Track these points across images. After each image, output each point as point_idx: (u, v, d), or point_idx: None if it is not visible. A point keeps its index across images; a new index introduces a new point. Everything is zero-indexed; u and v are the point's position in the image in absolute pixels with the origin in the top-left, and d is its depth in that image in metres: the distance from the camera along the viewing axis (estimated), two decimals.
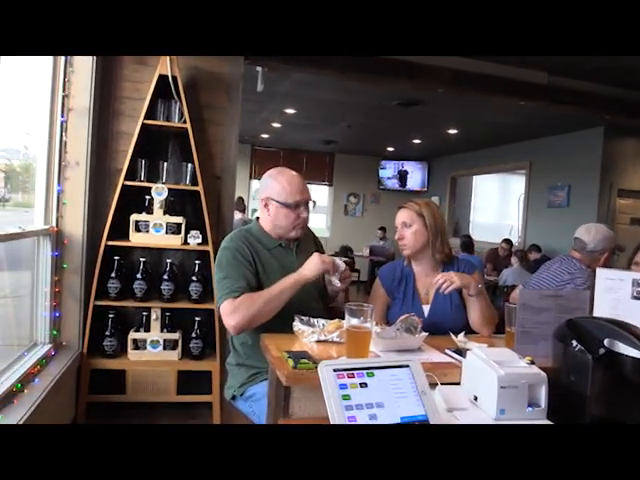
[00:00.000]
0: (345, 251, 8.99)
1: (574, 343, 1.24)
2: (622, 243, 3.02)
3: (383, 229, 9.59)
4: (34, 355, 2.60)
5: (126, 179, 2.94)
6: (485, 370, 1.23)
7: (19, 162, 2.94)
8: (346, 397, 1.04)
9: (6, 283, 2.69)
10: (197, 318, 3.06)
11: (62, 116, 2.82)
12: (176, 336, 3.04)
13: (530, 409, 1.20)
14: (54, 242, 2.81)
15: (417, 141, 8.69)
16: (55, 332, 2.83)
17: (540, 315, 1.55)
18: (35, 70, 2.70)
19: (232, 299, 1.76)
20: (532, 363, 1.27)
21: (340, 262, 1.88)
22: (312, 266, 1.81)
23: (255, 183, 10.48)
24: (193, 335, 3.05)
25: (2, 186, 2.85)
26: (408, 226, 2.05)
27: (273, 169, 2.03)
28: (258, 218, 2.05)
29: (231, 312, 1.75)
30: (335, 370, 1.06)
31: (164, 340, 3.01)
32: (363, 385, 1.07)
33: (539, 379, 1.22)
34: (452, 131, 7.59)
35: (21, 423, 1.92)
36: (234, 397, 1.96)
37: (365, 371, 1.09)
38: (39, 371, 2.48)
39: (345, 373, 1.07)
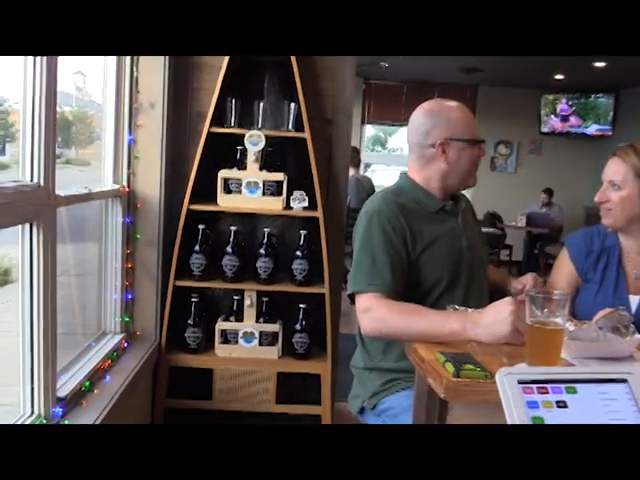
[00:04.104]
0: (492, 219, 8.76)
1: None
2: None
3: (549, 191, 9.23)
4: (103, 347, 2.75)
5: (212, 125, 3.00)
6: None
7: (71, 109, 3.02)
8: (538, 420, 0.99)
9: (68, 257, 2.80)
10: (302, 305, 3.11)
11: None
12: (276, 328, 3.11)
13: None
14: (125, 206, 2.94)
15: (600, 64, 8.20)
16: (127, 319, 3.00)
17: None
18: None
19: (376, 297, 1.77)
20: None
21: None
22: (496, 330, 1.53)
23: (369, 128, 10.46)
24: (297, 327, 3.10)
25: None
26: (617, 188, 1.90)
27: (426, 104, 2.02)
28: (406, 174, 2.05)
29: (365, 312, 1.78)
30: (521, 382, 1.01)
31: (260, 332, 3.09)
32: (561, 404, 1.02)
33: None
34: None
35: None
36: (362, 410, 1.98)
37: (564, 385, 1.04)
38: (110, 367, 2.64)
39: (535, 387, 1.02)
